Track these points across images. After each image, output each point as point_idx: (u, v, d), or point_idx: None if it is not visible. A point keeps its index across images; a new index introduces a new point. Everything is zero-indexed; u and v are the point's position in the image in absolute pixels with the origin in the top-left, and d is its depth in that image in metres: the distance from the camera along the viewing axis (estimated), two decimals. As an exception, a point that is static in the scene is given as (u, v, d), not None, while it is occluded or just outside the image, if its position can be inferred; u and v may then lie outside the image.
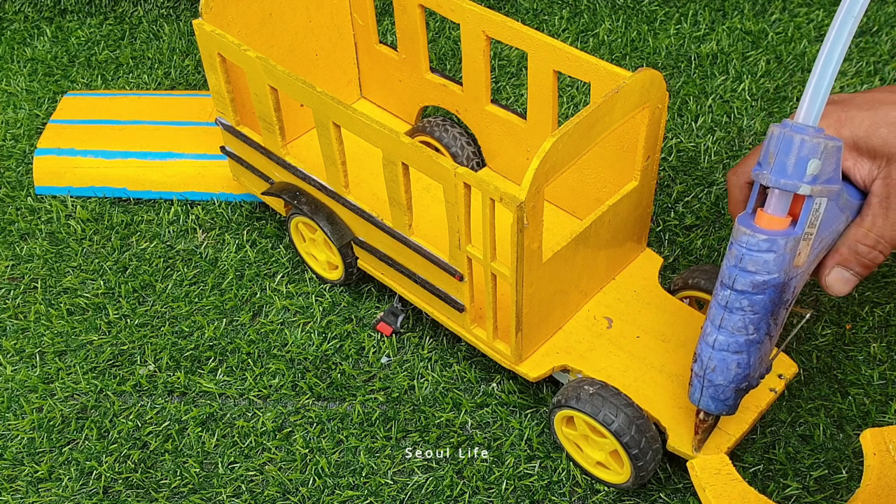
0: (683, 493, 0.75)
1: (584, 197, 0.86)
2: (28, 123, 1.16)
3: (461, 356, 0.86)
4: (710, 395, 0.67)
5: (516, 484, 0.77)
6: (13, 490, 0.80)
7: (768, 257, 0.61)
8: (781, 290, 0.63)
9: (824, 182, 0.60)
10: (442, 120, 0.96)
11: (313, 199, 0.87)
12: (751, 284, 0.62)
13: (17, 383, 0.87)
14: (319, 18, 0.96)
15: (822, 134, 0.59)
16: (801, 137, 0.58)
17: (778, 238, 0.61)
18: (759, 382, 0.67)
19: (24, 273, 0.98)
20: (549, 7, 1.27)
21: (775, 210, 0.61)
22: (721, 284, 0.64)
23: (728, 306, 0.64)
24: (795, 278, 0.63)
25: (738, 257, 0.62)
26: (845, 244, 0.65)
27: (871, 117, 0.62)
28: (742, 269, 0.62)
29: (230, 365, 0.87)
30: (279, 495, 0.77)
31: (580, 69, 0.77)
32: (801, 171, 0.59)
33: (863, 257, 0.65)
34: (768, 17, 1.21)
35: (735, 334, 0.64)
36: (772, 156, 0.60)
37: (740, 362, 0.65)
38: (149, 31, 1.29)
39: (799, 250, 0.62)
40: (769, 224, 0.61)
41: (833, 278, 0.66)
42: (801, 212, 0.61)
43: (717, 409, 0.67)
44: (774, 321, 0.65)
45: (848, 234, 0.65)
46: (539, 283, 0.72)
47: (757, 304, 0.63)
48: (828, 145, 0.59)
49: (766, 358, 0.67)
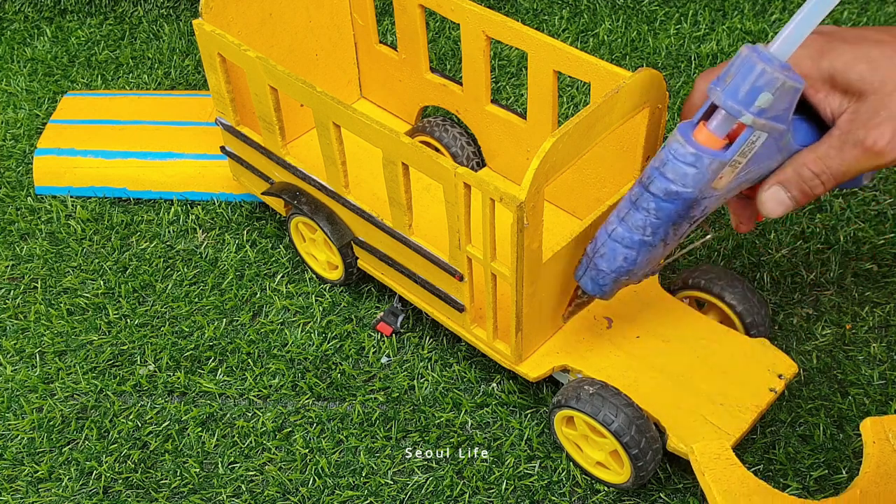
0: (683, 493, 0.75)
1: (584, 197, 0.86)
2: (28, 123, 1.16)
3: (461, 356, 0.86)
4: (590, 277, 0.69)
5: (516, 484, 0.77)
6: (13, 490, 0.80)
7: (689, 171, 0.61)
8: (691, 205, 0.63)
9: (771, 118, 0.59)
10: (442, 120, 0.96)
11: (313, 199, 0.87)
12: (664, 191, 0.63)
13: (17, 383, 0.87)
14: (319, 18, 0.96)
15: (786, 71, 0.58)
16: (763, 67, 0.57)
17: (704, 156, 0.60)
18: (640, 280, 0.69)
19: (24, 273, 0.98)
20: (549, 7, 1.27)
21: (715, 129, 0.60)
22: (638, 181, 0.65)
23: (636, 203, 0.64)
24: (709, 199, 0.63)
25: (663, 161, 0.62)
26: (792, 165, 0.64)
27: (853, 51, 0.61)
28: (661, 173, 0.62)
29: (230, 365, 0.87)
30: (279, 495, 0.77)
31: (580, 69, 0.77)
32: (751, 100, 0.58)
33: (804, 182, 0.64)
34: (768, 17, 1.22)
35: (633, 231, 0.65)
36: (730, 76, 0.59)
37: (627, 257, 0.66)
38: (149, 31, 1.29)
39: (721, 174, 0.61)
40: (704, 140, 0.61)
41: (769, 195, 0.65)
42: (736, 139, 0.60)
43: (593, 291, 0.70)
44: (674, 231, 0.65)
45: (798, 156, 0.63)
46: (539, 283, 0.72)
47: (662, 210, 0.63)
48: (786, 83, 0.58)
49: (654, 261, 0.68)
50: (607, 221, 0.67)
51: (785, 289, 0.89)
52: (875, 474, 0.66)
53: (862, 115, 0.60)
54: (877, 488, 0.65)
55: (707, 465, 0.66)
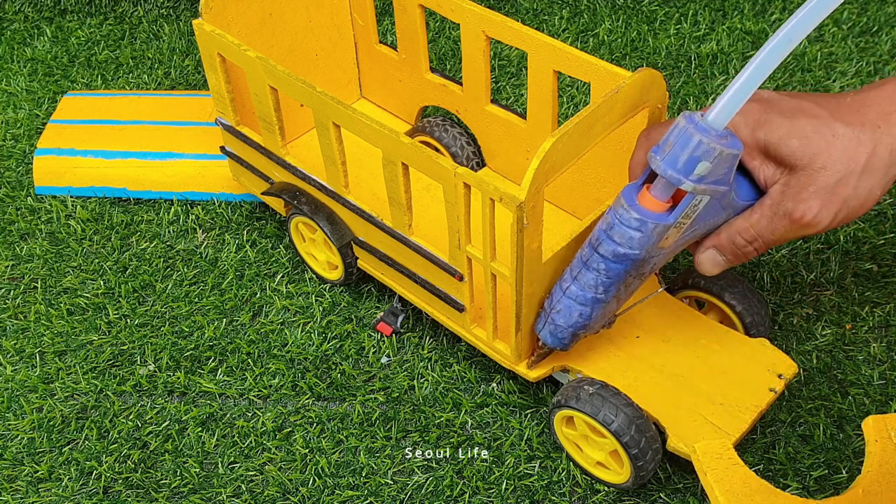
0: (683, 493, 0.75)
1: (584, 197, 0.86)
2: (28, 123, 1.16)
3: (461, 356, 0.86)
4: (549, 331, 0.71)
5: (516, 484, 0.77)
6: (13, 490, 0.80)
7: (634, 234, 0.63)
8: (640, 264, 0.66)
9: (711, 183, 0.61)
10: (442, 120, 0.96)
11: (313, 199, 0.87)
12: (612, 253, 0.65)
13: (17, 383, 0.87)
14: (319, 18, 0.96)
15: (723, 140, 0.59)
16: (700, 138, 0.59)
17: (649, 221, 0.63)
18: (598, 331, 0.73)
19: (24, 273, 0.98)
20: (549, 7, 1.27)
21: (657, 194, 0.63)
22: (588, 242, 0.67)
23: (587, 264, 0.67)
24: (657, 256, 0.66)
25: (609, 225, 0.65)
26: (726, 231, 0.67)
27: (788, 126, 0.63)
28: (609, 236, 0.65)
29: (230, 365, 0.87)
30: (279, 495, 0.77)
31: (580, 69, 0.77)
32: (690, 168, 0.60)
33: (737, 248, 0.67)
34: (768, 17, 1.22)
35: (585, 290, 0.68)
36: (669, 145, 0.60)
37: (583, 313, 0.69)
38: (149, 31, 1.29)
39: (667, 235, 0.64)
40: (649, 204, 0.63)
41: (705, 257, 0.68)
42: (679, 203, 0.62)
43: (553, 344, 0.72)
44: (626, 288, 0.68)
45: (733, 223, 0.66)
46: (539, 283, 0.72)
47: (612, 271, 0.66)
48: (724, 152, 0.59)
49: (609, 314, 0.71)
50: (562, 279, 0.70)
51: (785, 289, 0.89)
52: (878, 473, 0.65)
53: (792, 187, 0.63)
54: (879, 487, 0.65)
55: (709, 465, 0.66)
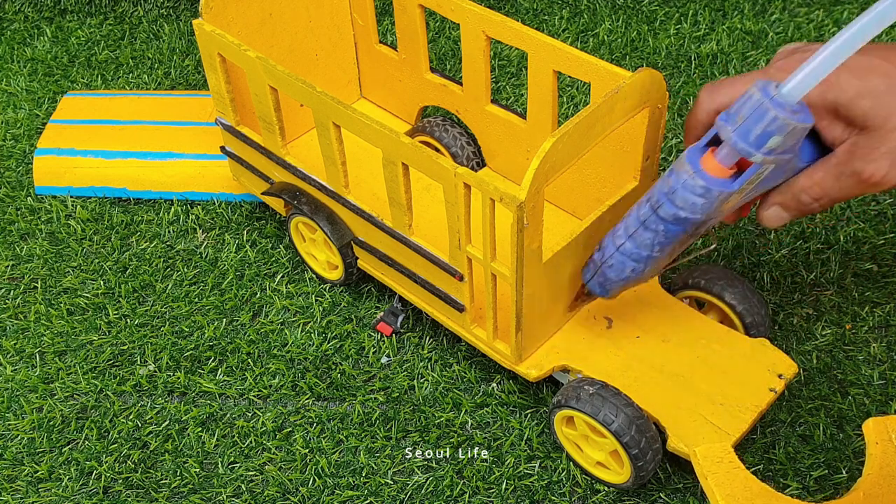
0: (683, 493, 0.75)
1: (584, 197, 0.86)
2: (28, 123, 1.16)
3: (461, 356, 0.86)
4: (598, 282, 0.72)
5: (516, 484, 0.77)
6: (13, 490, 0.80)
7: (698, 201, 0.63)
8: (698, 225, 0.65)
9: (780, 154, 0.60)
10: (442, 120, 0.96)
11: (313, 199, 0.87)
12: (672, 216, 0.64)
13: (17, 383, 0.87)
14: (319, 18, 0.96)
15: (797, 115, 0.58)
16: (775, 114, 0.58)
17: (714, 189, 0.62)
18: (647, 281, 0.73)
19: (24, 273, 0.98)
20: (549, 7, 1.27)
21: (723, 160, 0.61)
22: (647, 201, 0.66)
23: (645, 224, 0.67)
24: (716, 218, 0.65)
25: (672, 189, 0.63)
26: (791, 190, 0.66)
27: (858, 86, 0.61)
28: (671, 200, 0.64)
29: (230, 365, 0.87)
30: (279, 495, 0.77)
31: (580, 69, 0.77)
32: (762, 143, 0.59)
33: (803, 205, 0.66)
34: (768, 17, 1.22)
35: (640, 248, 0.68)
36: (741, 117, 0.59)
37: (635, 269, 0.70)
38: (149, 31, 1.29)
39: (729, 200, 0.63)
40: (712, 170, 0.62)
41: (770, 213, 0.68)
42: (745, 171, 0.61)
43: (600, 294, 0.73)
44: (680, 245, 0.68)
45: (797, 181, 0.65)
46: (539, 283, 0.72)
47: (671, 232, 0.66)
48: (797, 127, 0.58)
49: (660, 267, 0.71)
50: (616, 234, 0.69)
51: (785, 289, 0.89)
52: (878, 476, 0.65)
53: (861, 147, 0.62)
54: (880, 490, 0.65)
55: (710, 469, 0.66)
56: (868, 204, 0.96)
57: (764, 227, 0.72)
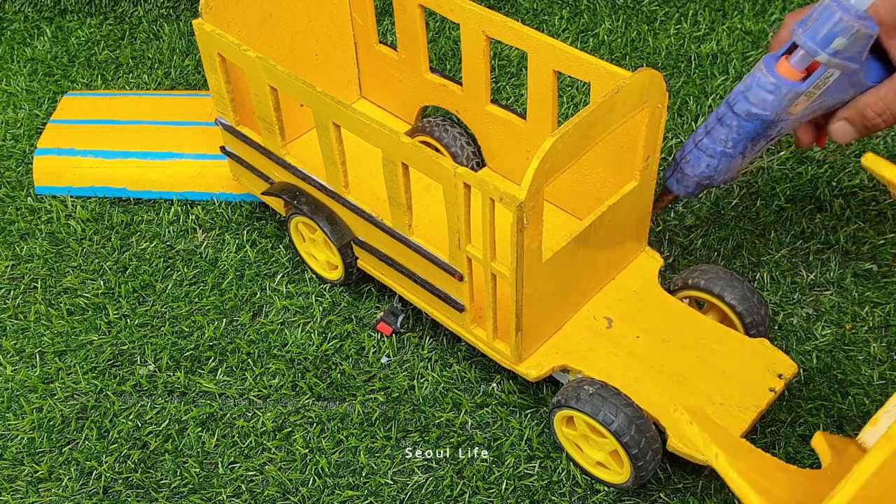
0: (683, 493, 0.75)
1: (584, 197, 0.86)
2: (28, 123, 1.16)
3: (461, 356, 0.86)
4: (676, 178, 0.79)
5: (516, 484, 0.77)
6: (13, 490, 0.80)
7: (768, 97, 0.71)
8: (768, 125, 0.73)
9: (844, 58, 0.68)
10: (442, 120, 0.96)
11: (313, 199, 0.87)
12: (745, 112, 0.72)
13: (17, 383, 0.87)
14: (319, 18, 0.96)
15: (862, 20, 0.65)
16: (841, 16, 0.65)
17: (783, 86, 0.70)
18: (720, 185, 0.79)
19: (24, 273, 0.98)
20: (549, 7, 1.27)
21: (795, 63, 0.70)
22: (725, 100, 0.74)
23: (721, 120, 0.74)
24: (785, 122, 0.73)
25: (747, 86, 0.72)
26: (856, 105, 0.72)
27: None
28: (745, 97, 0.72)
29: (230, 365, 0.87)
30: (279, 495, 0.77)
31: (580, 69, 0.77)
32: (827, 42, 0.67)
33: (867, 120, 0.72)
34: (768, 17, 1.22)
35: (716, 143, 0.75)
36: (812, 20, 0.67)
37: (710, 164, 0.76)
38: (149, 31, 1.29)
39: (797, 102, 0.71)
40: (785, 72, 0.70)
41: (837, 127, 0.74)
42: (812, 74, 0.69)
43: (677, 190, 0.80)
44: (752, 146, 0.75)
45: (861, 98, 0.72)
46: (539, 283, 0.72)
47: (743, 129, 0.73)
48: (861, 31, 0.66)
49: (733, 170, 0.78)
50: (696, 133, 0.77)
51: (785, 289, 0.89)
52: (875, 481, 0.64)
53: None
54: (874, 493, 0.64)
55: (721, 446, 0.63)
56: (868, 204, 0.96)
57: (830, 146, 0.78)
